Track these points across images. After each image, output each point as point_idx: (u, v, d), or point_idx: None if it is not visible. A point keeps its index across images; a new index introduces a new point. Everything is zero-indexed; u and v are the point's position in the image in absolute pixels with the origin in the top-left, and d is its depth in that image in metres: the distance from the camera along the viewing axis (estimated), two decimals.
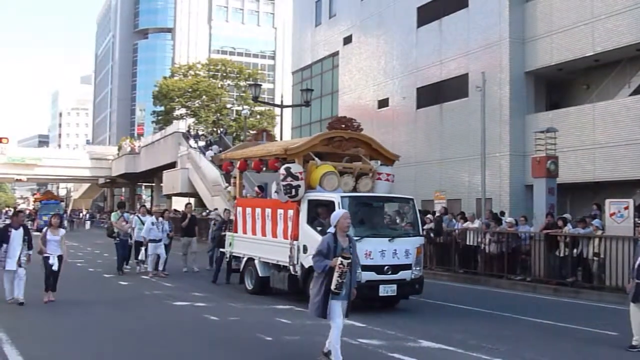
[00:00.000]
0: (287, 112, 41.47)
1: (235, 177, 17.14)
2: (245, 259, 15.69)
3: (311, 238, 12.83)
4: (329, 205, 12.71)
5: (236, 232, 16.24)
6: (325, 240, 8.16)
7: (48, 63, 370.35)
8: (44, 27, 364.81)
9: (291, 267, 13.54)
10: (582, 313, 13.97)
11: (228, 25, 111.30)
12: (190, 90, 63.25)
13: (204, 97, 63.21)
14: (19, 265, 12.87)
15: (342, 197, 12.73)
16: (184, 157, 47.17)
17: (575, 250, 17.17)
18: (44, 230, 13.81)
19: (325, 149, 14.13)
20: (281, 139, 33.15)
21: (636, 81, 24.07)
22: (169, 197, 56.40)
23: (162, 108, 67.45)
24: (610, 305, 14.75)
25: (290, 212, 13.71)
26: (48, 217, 20.42)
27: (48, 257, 13.31)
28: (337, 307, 8.06)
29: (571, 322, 12.29)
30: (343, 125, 14.30)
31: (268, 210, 14.70)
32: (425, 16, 31.43)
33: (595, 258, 16.74)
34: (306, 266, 12.97)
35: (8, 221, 18.68)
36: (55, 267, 13.37)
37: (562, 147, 21.56)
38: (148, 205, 60.53)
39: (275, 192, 14.30)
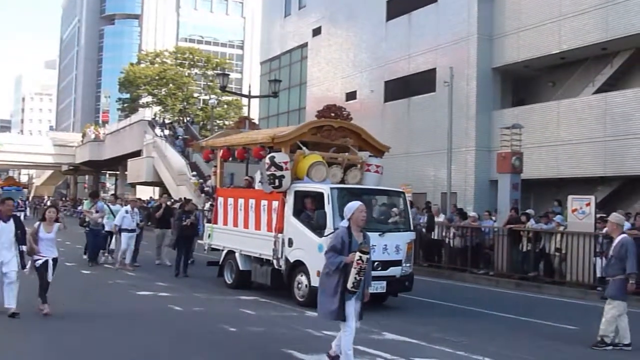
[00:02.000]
0: (255, 102, 41.29)
1: (215, 166, 16.42)
2: (225, 251, 15.07)
3: (297, 231, 12.50)
4: (317, 197, 12.35)
5: (216, 223, 15.60)
6: (339, 235, 7.50)
7: (11, 47, 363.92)
8: (8, 9, 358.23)
9: (275, 261, 12.97)
10: (544, 307, 14.17)
11: (196, 14, 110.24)
12: (157, 78, 62.62)
13: (170, 85, 62.63)
14: (24, 266, 10.60)
15: (331, 188, 12.19)
16: (149, 145, 46.75)
17: (537, 246, 17.44)
18: (35, 225, 10.96)
19: (313, 138, 13.56)
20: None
21: (600, 79, 24.43)
22: (133, 185, 55.89)
23: (128, 95, 66.81)
24: (571, 300, 15.02)
25: (275, 204, 13.13)
26: (14, 204, 19.00)
27: (41, 262, 10.67)
28: (351, 309, 7.40)
29: (533, 316, 12.46)
30: (332, 114, 13.73)
31: (251, 201, 14.08)
32: (394, 10, 31.50)
33: (557, 253, 17.02)
34: (291, 260, 12.64)
35: None
36: (50, 276, 10.72)
37: (527, 143, 21.78)
38: (111, 192, 59.90)
39: (260, 182, 13.78)
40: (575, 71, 25.87)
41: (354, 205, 7.59)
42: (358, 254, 7.12)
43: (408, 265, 12.77)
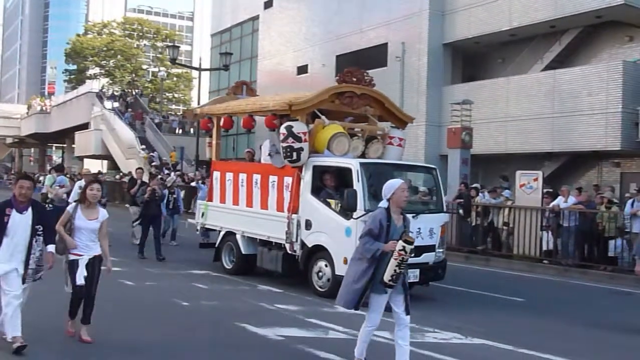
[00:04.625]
0: (205, 75, 40.91)
1: (210, 137, 14.67)
2: (222, 232, 13.41)
3: (317, 212, 11.07)
4: (342, 173, 11.02)
5: (211, 200, 13.84)
6: (377, 217, 6.47)
7: None
8: None
9: (287, 246, 11.42)
10: (492, 280, 14.44)
11: None
12: (104, 49, 61.60)
13: (119, 56, 61.66)
14: (23, 281, 7.10)
15: (361, 163, 10.67)
16: (97, 118, 45.92)
17: (486, 220, 17.77)
18: (69, 208, 7.68)
19: (331, 106, 11.96)
20: (198, 103, 32.71)
21: (549, 57, 24.84)
22: (81, 158, 54.95)
23: (75, 67, 65.51)
24: (518, 273, 15.37)
25: (288, 180, 11.60)
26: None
27: (75, 262, 7.44)
28: (381, 302, 6.52)
29: (481, 288, 12.70)
30: (355, 79, 12.15)
31: (256, 177, 12.47)
32: None
33: (504, 227, 17.37)
34: (309, 245, 11.17)
35: None
36: (80, 280, 7.38)
37: (477, 119, 22.08)
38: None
39: (269, 154, 12.17)
40: (524, 48, 26.23)
41: (394, 183, 6.59)
42: (401, 243, 6.21)
43: (441, 250, 11.41)
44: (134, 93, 55.62)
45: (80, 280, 7.36)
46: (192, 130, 43.07)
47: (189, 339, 8.04)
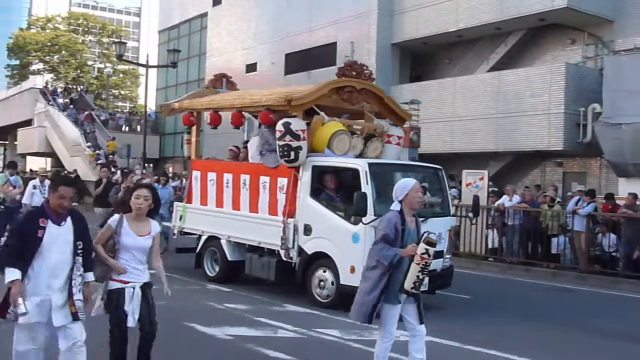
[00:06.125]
0: (152, 72, 40.47)
1: (189, 133, 13.65)
2: (204, 237, 12.42)
3: (319, 216, 10.20)
4: (345, 175, 10.33)
5: (190, 202, 12.83)
6: (392, 221, 5.91)
7: None
8: None
9: (282, 252, 10.52)
10: None
11: None
12: (48, 44, 60.34)
13: (63, 52, 60.52)
14: (75, 317, 5.32)
15: (369, 164, 9.81)
16: (41, 114, 44.92)
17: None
18: (110, 222, 5.81)
19: (328, 101, 11.09)
20: (145, 100, 32.30)
21: (494, 58, 25.26)
22: (24, 156, 53.75)
23: (18, 62, 64.12)
24: (464, 270, 15.55)
25: (282, 181, 10.71)
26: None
27: (120, 292, 5.69)
28: (395, 313, 5.96)
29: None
30: (354, 73, 11.26)
31: (244, 177, 11.50)
32: None
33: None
34: (309, 252, 10.30)
35: None
36: (131, 322, 5.68)
37: (424, 118, 22.34)
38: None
39: (260, 153, 11.35)
40: (471, 49, 26.63)
41: (408, 183, 6.11)
42: (423, 246, 5.73)
43: (448, 257, 10.82)
44: (78, 89, 54.65)
45: (132, 321, 5.63)
46: (139, 127, 42.54)
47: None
